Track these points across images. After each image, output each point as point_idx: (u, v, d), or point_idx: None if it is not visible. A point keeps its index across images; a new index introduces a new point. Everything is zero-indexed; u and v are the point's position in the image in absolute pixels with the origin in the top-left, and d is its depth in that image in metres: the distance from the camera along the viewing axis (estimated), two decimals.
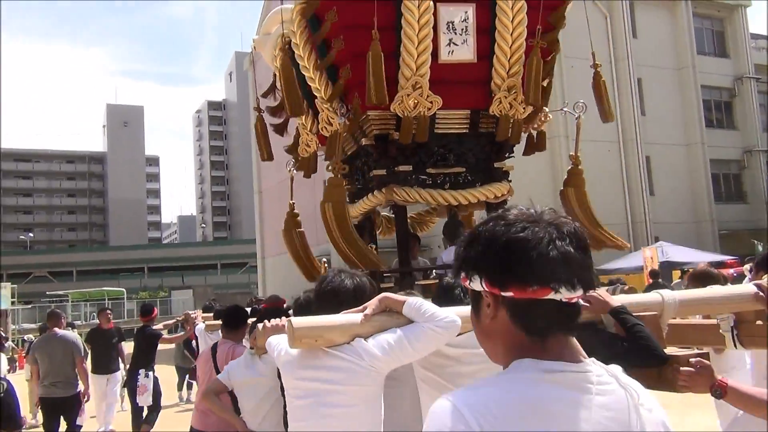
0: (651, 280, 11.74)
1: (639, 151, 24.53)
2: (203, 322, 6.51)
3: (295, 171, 5.23)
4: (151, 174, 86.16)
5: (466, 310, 2.19)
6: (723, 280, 3.71)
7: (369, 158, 4.51)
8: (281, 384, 2.49)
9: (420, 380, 2.43)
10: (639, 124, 24.47)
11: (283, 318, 2.54)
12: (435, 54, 4.00)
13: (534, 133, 4.81)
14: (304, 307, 2.98)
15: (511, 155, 4.64)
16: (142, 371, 7.45)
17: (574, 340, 1.09)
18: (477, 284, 1.09)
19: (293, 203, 5.21)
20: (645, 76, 25.04)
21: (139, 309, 8.63)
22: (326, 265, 5.12)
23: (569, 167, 4.71)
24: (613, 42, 25.13)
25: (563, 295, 1.04)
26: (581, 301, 1.06)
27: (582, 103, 4.48)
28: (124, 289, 38.02)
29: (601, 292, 2.34)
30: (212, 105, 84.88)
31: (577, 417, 0.99)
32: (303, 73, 4.36)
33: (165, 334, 8.33)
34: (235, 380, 3.63)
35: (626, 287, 5.16)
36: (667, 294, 2.47)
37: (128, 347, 8.63)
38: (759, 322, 2.67)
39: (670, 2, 25.77)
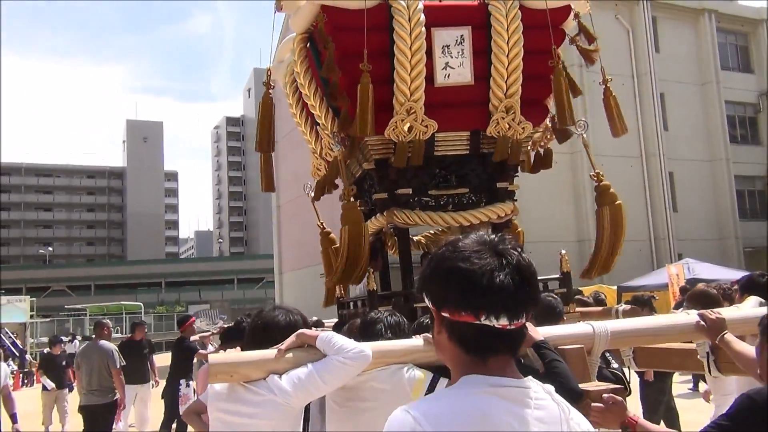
0: (681, 297, 11.66)
1: (662, 167, 24.39)
2: None
3: (313, 193, 5.28)
4: (169, 189, 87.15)
5: (383, 344, 2.25)
6: (722, 301, 3.65)
7: (373, 181, 4.61)
8: None
9: (328, 411, 2.49)
10: (662, 139, 24.37)
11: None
12: (431, 78, 4.08)
13: (541, 151, 4.87)
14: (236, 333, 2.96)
15: (516, 175, 4.70)
16: (183, 381, 7.67)
17: (513, 362, 1.20)
18: (426, 301, 1.22)
19: (323, 223, 5.28)
20: (668, 91, 24.98)
21: (177, 320, 9.00)
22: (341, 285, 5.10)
23: (594, 185, 4.73)
24: (636, 57, 25.17)
25: (491, 322, 1.14)
26: (529, 327, 1.14)
27: (583, 121, 4.52)
28: (141, 304, 38.36)
29: (528, 326, 2.35)
30: (230, 121, 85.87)
31: (518, 428, 1.10)
32: (305, 100, 4.49)
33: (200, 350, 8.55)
34: None
35: (628, 308, 5.18)
36: (598, 326, 2.48)
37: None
38: None
39: (693, 17, 25.79)
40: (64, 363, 10.54)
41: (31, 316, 29.08)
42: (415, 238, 5.16)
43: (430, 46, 3.98)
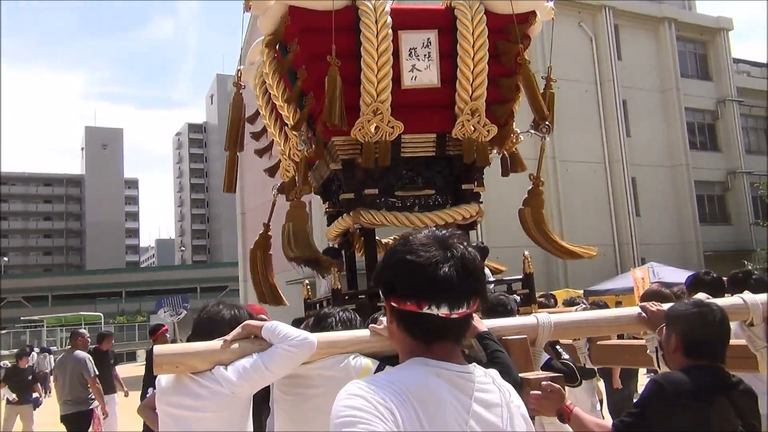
0: None
1: (625, 173, 24.98)
2: None
3: (278, 194, 5.31)
4: (129, 197, 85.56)
5: (330, 334, 2.31)
6: (675, 299, 3.87)
7: (340, 182, 4.68)
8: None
9: (275, 400, 2.52)
10: (625, 145, 24.97)
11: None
12: (398, 80, 4.16)
13: (507, 154, 5.03)
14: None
15: (481, 176, 4.82)
16: (150, 389, 7.61)
17: (458, 349, 1.28)
18: (380, 292, 1.31)
19: (269, 224, 5.29)
20: (630, 98, 25.64)
21: (149, 329, 9.01)
22: (308, 288, 5.14)
23: (530, 187, 4.87)
24: (599, 64, 25.77)
25: (437, 310, 1.22)
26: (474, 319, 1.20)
27: (547, 125, 4.65)
28: (101, 314, 37.51)
29: (475, 319, 2.48)
30: (193, 128, 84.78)
31: (460, 406, 1.19)
32: (274, 101, 4.54)
33: None
34: None
35: (587, 306, 5.39)
36: (542, 317, 2.62)
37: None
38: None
39: (654, 25, 26.56)
40: (30, 377, 10.19)
41: None
42: (384, 241, 5.20)
43: (397, 48, 4.03)
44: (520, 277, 4.65)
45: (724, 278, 3.74)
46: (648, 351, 3.02)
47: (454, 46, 4.17)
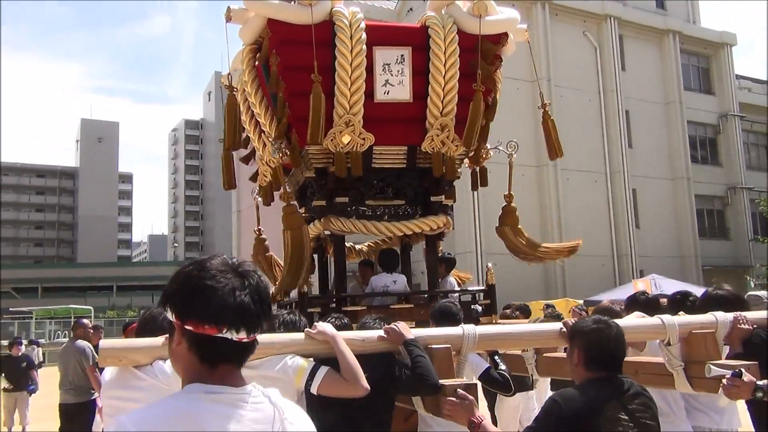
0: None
1: (626, 184, 25.20)
2: None
3: (259, 199, 5.54)
4: (123, 191, 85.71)
5: (268, 337, 2.51)
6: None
7: (314, 189, 4.92)
8: None
9: None
10: (626, 156, 25.19)
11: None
12: (371, 93, 4.40)
13: (477, 169, 5.29)
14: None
15: (452, 189, 5.09)
16: None
17: (239, 372, 1.38)
18: (170, 315, 1.37)
19: (260, 229, 5.53)
20: (633, 109, 25.88)
21: (123, 325, 9.26)
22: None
23: (503, 205, 5.09)
24: (603, 74, 26.02)
25: (232, 335, 1.31)
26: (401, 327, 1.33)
27: (514, 143, 4.92)
28: (91, 308, 37.56)
29: (400, 326, 2.76)
30: (189, 124, 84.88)
31: (227, 426, 1.27)
32: (252, 109, 4.79)
33: None
34: None
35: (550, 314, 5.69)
36: (468, 329, 2.88)
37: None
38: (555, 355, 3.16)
39: (659, 37, 26.81)
40: (24, 364, 10.62)
41: None
42: (357, 247, 5.45)
43: (371, 63, 4.29)
44: (483, 288, 4.90)
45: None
46: (526, 363, 3.31)
47: (427, 63, 4.42)
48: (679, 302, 3.93)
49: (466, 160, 5.14)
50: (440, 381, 2.55)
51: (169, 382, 2.31)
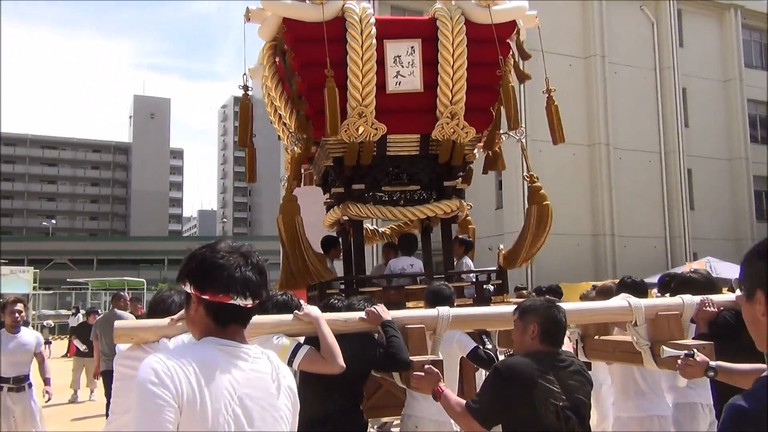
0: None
1: (681, 164, 24.64)
2: None
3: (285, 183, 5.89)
4: (174, 167, 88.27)
5: (258, 318, 2.84)
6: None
7: (333, 177, 5.28)
8: None
9: None
10: (682, 135, 24.62)
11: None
12: (383, 85, 4.70)
13: (491, 153, 5.52)
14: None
15: (461, 175, 5.33)
16: None
17: (243, 331, 1.76)
18: (188, 288, 1.74)
19: (294, 184, 5.79)
20: (690, 87, 25.20)
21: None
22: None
23: (528, 185, 5.24)
24: (659, 50, 25.35)
25: (240, 301, 1.69)
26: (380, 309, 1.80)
27: (522, 129, 5.09)
28: (144, 280, 39.14)
29: (379, 309, 3.11)
30: (238, 101, 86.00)
31: (232, 370, 1.64)
32: (272, 104, 5.19)
33: None
34: None
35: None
36: (442, 311, 3.18)
37: None
38: (596, 337, 3.37)
39: (719, 12, 25.90)
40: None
41: (34, 288, 30.12)
42: (380, 230, 5.80)
43: (382, 56, 4.59)
44: (495, 269, 5.19)
45: None
46: (570, 342, 3.57)
47: (437, 54, 4.69)
48: (667, 284, 4.20)
49: (480, 145, 5.38)
50: (411, 357, 2.91)
51: None
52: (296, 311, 2.97)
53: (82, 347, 11.49)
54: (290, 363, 2.89)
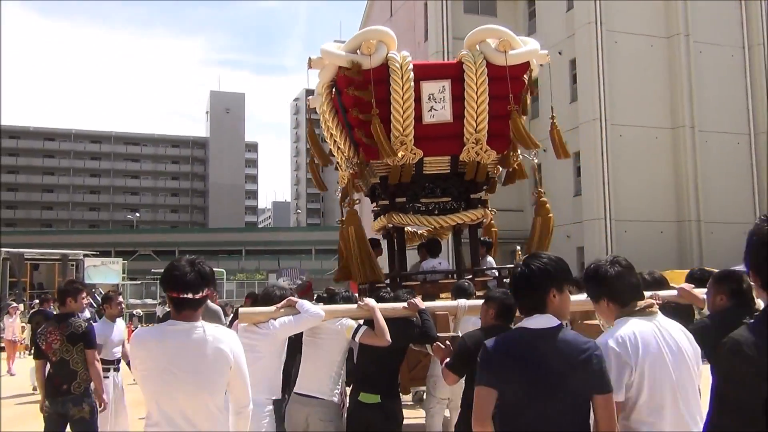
0: None
1: None
2: None
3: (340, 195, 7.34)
4: (249, 160, 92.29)
5: (333, 307, 4.29)
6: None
7: (379, 191, 6.67)
8: None
9: (303, 343, 4.52)
10: None
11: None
12: (419, 117, 6.03)
13: (510, 170, 6.80)
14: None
15: (485, 188, 6.73)
16: None
17: (197, 313, 2.72)
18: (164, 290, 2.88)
19: (342, 220, 6.88)
20: None
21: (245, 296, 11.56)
22: None
23: (534, 202, 6.50)
24: (747, 26, 25.07)
25: (184, 295, 2.63)
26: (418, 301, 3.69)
27: (544, 150, 6.18)
28: (223, 270, 41.58)
29: (417, 300, 4.43)
30: (310, 93, 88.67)
31: (180, 339, 2.63)
32: (329, 132, 6.60)
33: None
34: None
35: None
36: (461, 302, 4.59)
37: None
38: (585, 322, 4.35)
39: None
40: None
41: (122, 279, 33.05)
42: (419, 232, 7.13)
43: (419, 94, 5.87)
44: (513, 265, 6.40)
45: None
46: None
47: (463, 91, 6.01)
48: (699, 278, 4.56)
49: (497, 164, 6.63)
50: (438, 334, 4.23)
51: (276, 333, 4.19)
52: (359, 302, 4.39)
53: None
54: (353, 337, 4.28)
